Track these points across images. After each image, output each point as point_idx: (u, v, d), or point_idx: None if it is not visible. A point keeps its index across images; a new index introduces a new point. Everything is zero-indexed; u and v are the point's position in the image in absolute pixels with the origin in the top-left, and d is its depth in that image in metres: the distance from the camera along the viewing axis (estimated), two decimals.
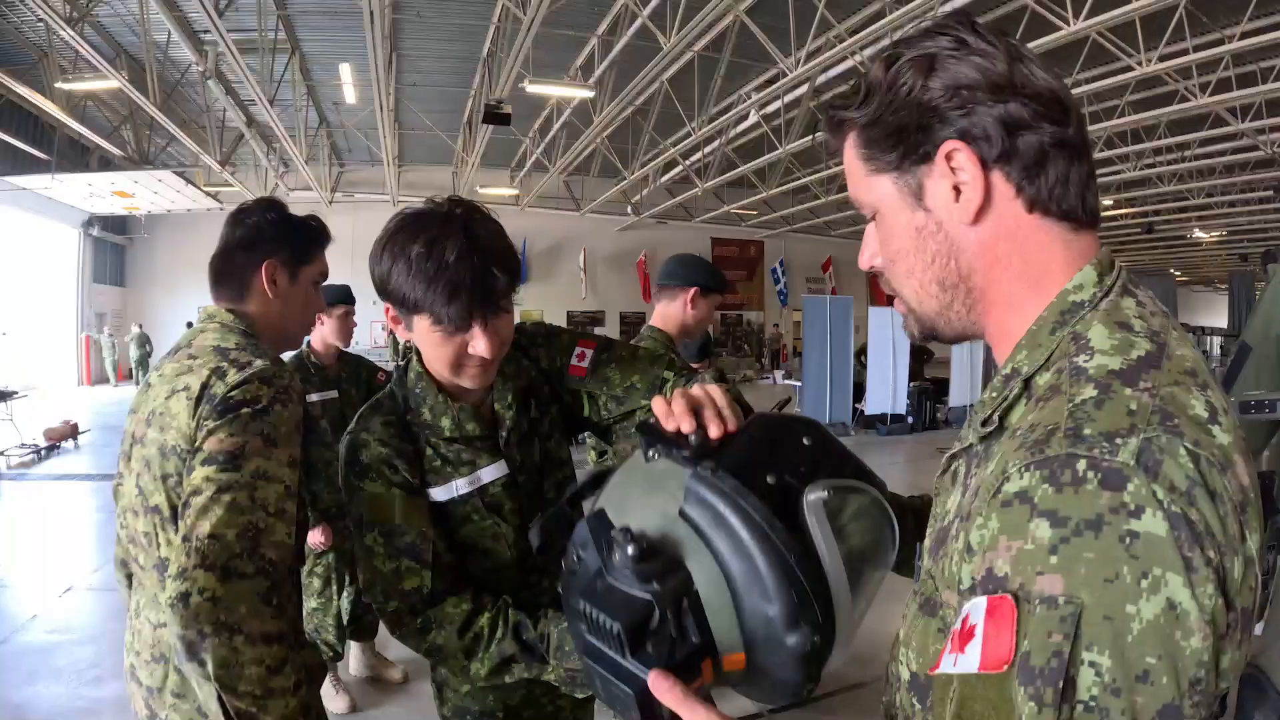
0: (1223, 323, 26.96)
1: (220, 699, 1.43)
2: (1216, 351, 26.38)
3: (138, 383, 21.69)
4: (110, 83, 12.69)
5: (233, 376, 1.57)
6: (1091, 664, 0.62)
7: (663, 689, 0.80)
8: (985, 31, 0.82)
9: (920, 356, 14.44)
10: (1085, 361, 0.74)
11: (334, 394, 3.96)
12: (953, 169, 0.81)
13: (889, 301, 0.97)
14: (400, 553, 1.46)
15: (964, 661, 0.68)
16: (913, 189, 0.84)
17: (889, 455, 11.45)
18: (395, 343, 22.21)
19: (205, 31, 12.59)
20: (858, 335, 14.38)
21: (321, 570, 3.92)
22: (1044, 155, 0.80)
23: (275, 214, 1.87)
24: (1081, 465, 0.66)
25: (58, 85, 13.48)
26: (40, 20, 11.45)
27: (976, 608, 0.68)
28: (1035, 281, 0.82)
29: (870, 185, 0.89)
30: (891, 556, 1.02)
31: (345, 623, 4.00)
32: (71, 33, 10.63)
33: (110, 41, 14.13)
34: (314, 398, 3.89)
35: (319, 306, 1.97)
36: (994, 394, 0.83)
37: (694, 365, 3.91)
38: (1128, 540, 0.63)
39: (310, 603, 3.91)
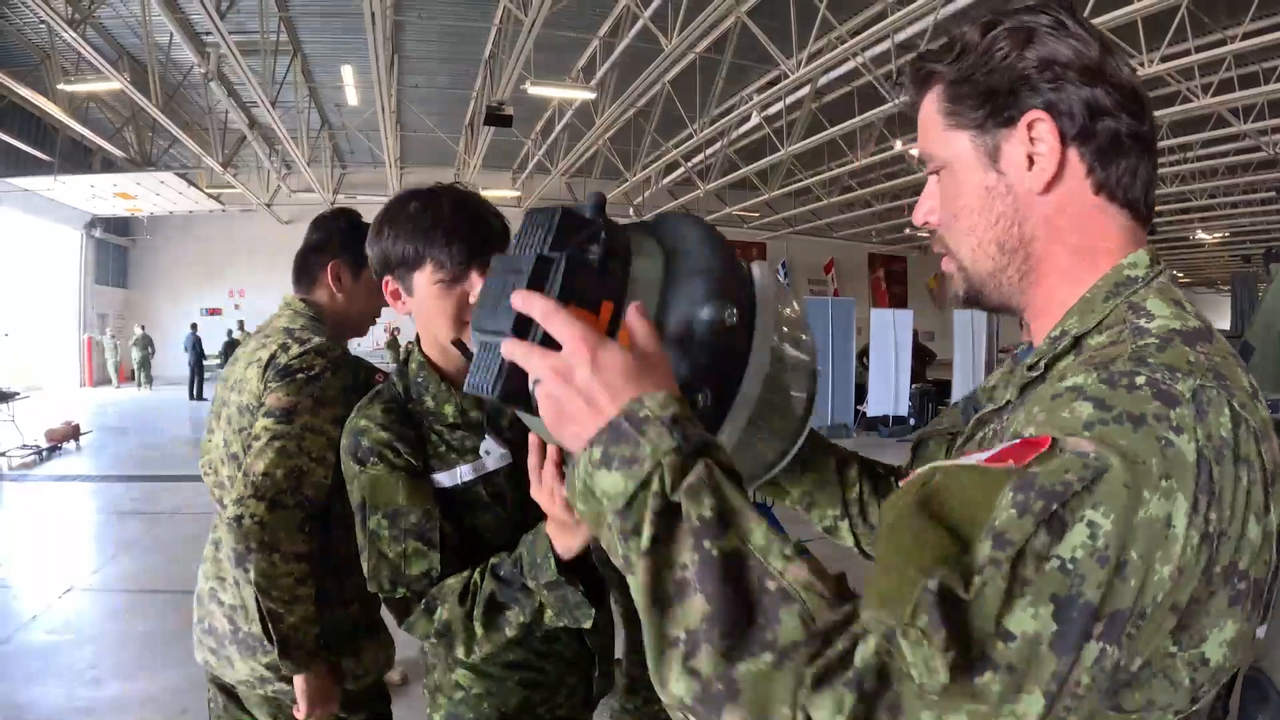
0: (1225, 324, 26.95)
1: (257, 600, 1.85)
2: None
3: (139, 385, 21.76)
4: (112, 84, 12.71)
5: (294, 350, 1.98)
6: (1090, 523, 0.62)
7: (534, 301, 0.79)
8: (1083, 19, 0.85)
9: (922, 358, 14.42)
10: (1146, 323, 0.77)
11: None
12: (1032, 138, 0.84)
13: (890, 302, 0.98)
14: (406, 534, 1.43)
15: (965, 461, 0.70)
16: (989, 150, 0.86)
17: (891, 457, 11.26)
18: (395, 344, 22.26)
19: (207, 33, 12.61)
20: (860, 337, 14.37)
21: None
22: (1119, 143, 0.83)
23: (345, 223, 2.25)
24: (1141, 378, 0.68)
25: (60, 87, 13.52)
26: (42, 22, 11.47)
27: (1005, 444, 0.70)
28: (1091, 257, 0.85)
29: (946, 140, 0.90)
30: (804, 412, 1.14)
31: None
32: (74, 34, 10.65)
33: (112, 43, 14.15)
34: None
35: (379, 303, 2.15)
36: (1043, 347, 0.86)
37: None
38: (1163, 443, 0.64)
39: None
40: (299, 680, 1.91)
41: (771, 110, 16.70)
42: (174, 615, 5.02)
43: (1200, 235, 28.81)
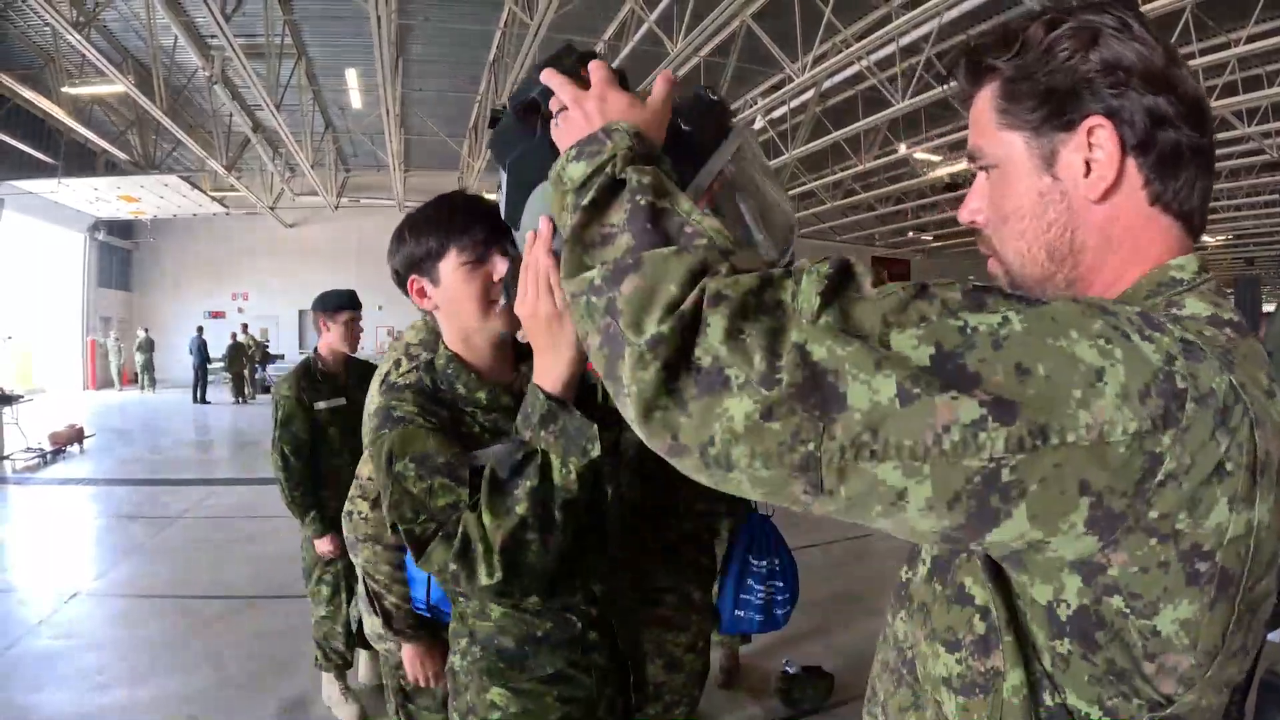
0: None
1: (364, 581, 2.31)
2: None
3: (143, 388, 21.78)
4: (116, 87, 12.73)
5: (403, 366, 1.96)
6: (1006, 318, 0.67)
7: (554, 75, 1.03)
8: (1148, 22, 0.82)
9: None
10: (1177, 311, 0.77)
11: (342, 401, 3.94)
12: (1091, 144, 0.81)
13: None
14: (434, 472, 1.40)
15: None
16: (1044, 153, 0.84)
17: None
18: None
19: (212, 36, 12.59)
20: None
21: (330, 579, 3.88)
22: (1179, 155, 0.81)
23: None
24: (1136, 314, 0.71)
25: (64, 90, 13.53)
26: (47, 25, 11.48)
27: None
28: (1135, 267, 0.83)
29: (1000, 139, 0.87)
30: (788, 229, 1.28)
31: (354, 631, 3.96)
32: (78, 37, 10.65)
33: (116, 46, 14.14)
34: (321, 405, 3.88)
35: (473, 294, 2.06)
36: None
37: None
38: (1119, 332, 0.67)
39: (319, 610, 3.89)
40: (405, 649, 2.31)
41: (776, 114, 16.68)
42: (180, 620, 5.03)
43: (1203, 238, 28.69)
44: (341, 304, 3.94)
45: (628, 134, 0.90)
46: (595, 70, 1.02)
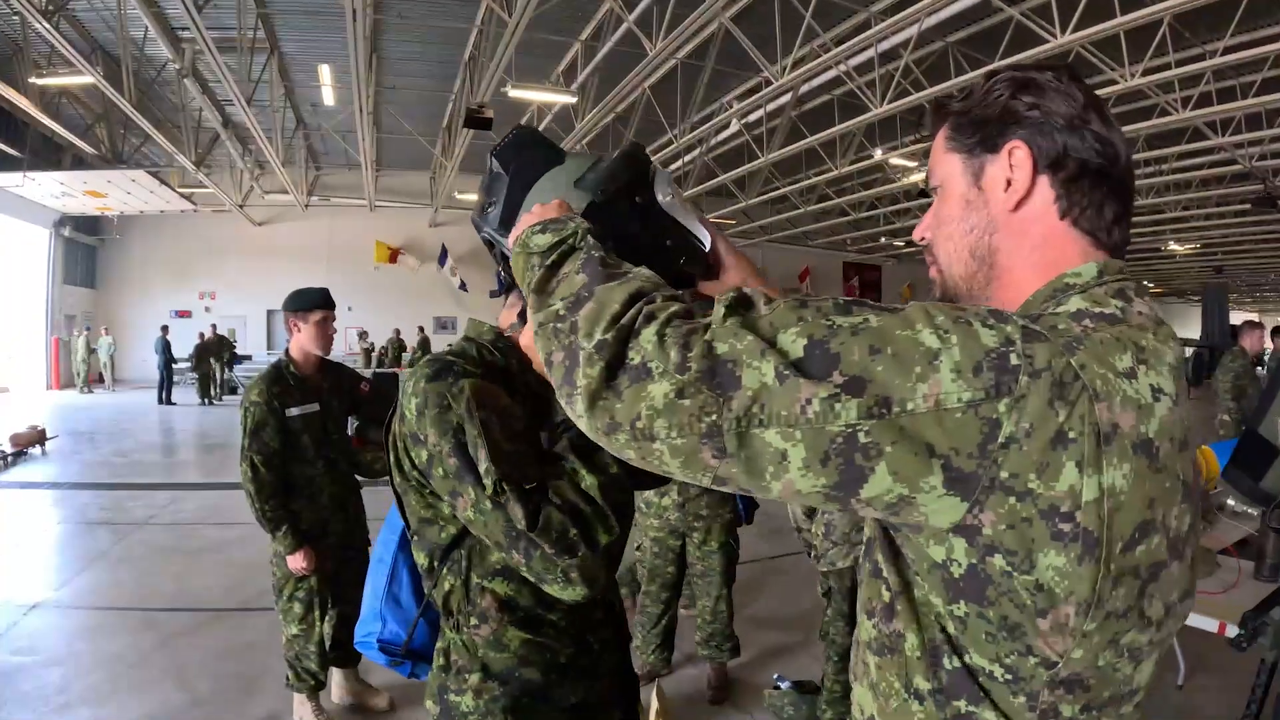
0: (1195, 334, 27.39)
1: None
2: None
3: (107, 387, 21.40)
4: (85, 79, 12.42)
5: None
6: (866, 318, 0.82)
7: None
8: (1082, 82, 0.99)
9: None
10: (1054, 309, 0.90)
11: (315, 407, 3.77)
12: (1011, 165, 0.98)
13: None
14: (518, 436, 1.38)
15: None
16: (975, 170, 1.01)
17: None
18: (368, 351, 22.04)
19: (183, 29, 12.38)
20: None
21: (303, 595, 3.72)
22: (1087, 176, 0.96)
23: None
24: (987, 309, 0.85)
25: (31, 80, 13.19)
26: (15, 13, 11.21)
27: None
28: (1044, 269, 0.97)
29: (944, 161, 1.05)
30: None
31: (328, 649, 3.82)
32: (47, 26, 10.40)
33: (86, 36, 13.87)
34: (294, 411, 3.69)
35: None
36: None
37: None
38: (960, 320, 0.81)
39: (291, 629, 3.73)
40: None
41: (752, 117, 16.64)
42: (145, 634, 4.87)
43: (1172, 246, 29.09)
44: (314, 303, 3.73)
45: (584, 220, 1.11)
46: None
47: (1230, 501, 3.62)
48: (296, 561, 3.61)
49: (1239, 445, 2.73)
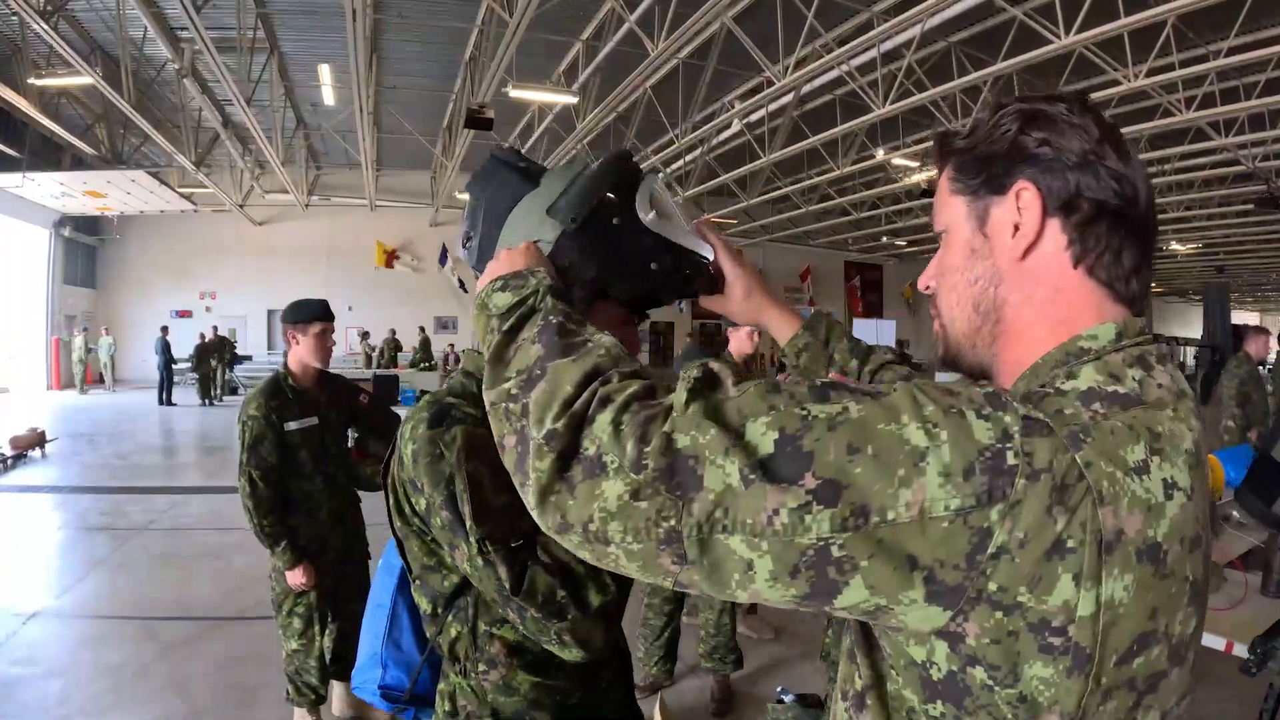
0: (1196, 334, 27.40)
1: None
2: (1190, 361, 27.09)
3: (108, 387, 21.38)
4: (84, 79, 12.40)
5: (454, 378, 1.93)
6: (845, 407, 0.75)
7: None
8: (1096, 111, 0.89)
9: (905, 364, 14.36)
10: (1063, 384, 0.81)
11: (314, 421, 3.72)
12: (1019, 208, 0.88)
13: (866, 310, 1.11)
14: (511, 487, 1.32)
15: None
16: (979, 213, 0.91)
17: None
18: (368, 353, 21.98)
19: (183, 29, 12.32)
20: None
21: (302, 610, 3.68)
22: (1103, 219, 0.86)
23: None
24: (981, 392, 0.77)
25: (31, 81, 13.17)
26: (14, 14, 11.17)
27: None
28: (1056, 326, 0.87)
29: (948, 204, 0.96)
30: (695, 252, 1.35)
31: (328, 663, 3.78)
32: (45, 26, 10.37)
33: (85, 36, 13.83)
34: (292, 425, 3.64)
35: None
36: None
37: None
38: (953, 410, 0.73)
39: (291, 644, 3.69)
40: None
41: (753, 117, 16.60)
42: (145, 644, 4.84)
43: (1174, 246, 29.05)
44: (313, 315, 3.67)
45: (546, 274, 1.05)
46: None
47: (1235, 513, 3.59)
48: (295, 577, 3.57)
49: (1252, 468, 2.69)
